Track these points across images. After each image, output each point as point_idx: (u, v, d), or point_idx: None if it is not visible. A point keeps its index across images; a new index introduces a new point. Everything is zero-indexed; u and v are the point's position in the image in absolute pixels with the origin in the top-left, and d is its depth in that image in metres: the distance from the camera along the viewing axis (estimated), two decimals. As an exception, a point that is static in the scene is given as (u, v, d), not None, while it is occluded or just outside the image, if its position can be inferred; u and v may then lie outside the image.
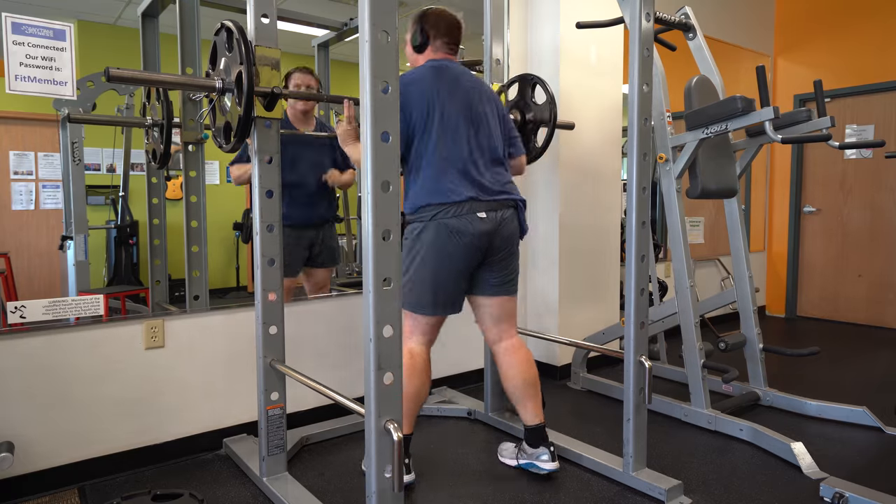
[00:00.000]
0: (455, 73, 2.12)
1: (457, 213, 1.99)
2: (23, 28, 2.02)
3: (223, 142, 1.90)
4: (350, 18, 2.97)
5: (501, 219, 2.07)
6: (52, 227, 2.29)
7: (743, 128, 2.55)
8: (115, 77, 1.58)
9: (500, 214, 2.06)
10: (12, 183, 2.18)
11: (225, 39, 1.84)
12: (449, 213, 1.98)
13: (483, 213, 2.02)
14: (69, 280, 2.34)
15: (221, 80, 1.81)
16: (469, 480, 2.18)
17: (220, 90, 1.81)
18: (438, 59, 2.14)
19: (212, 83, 1.81)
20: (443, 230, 1.98)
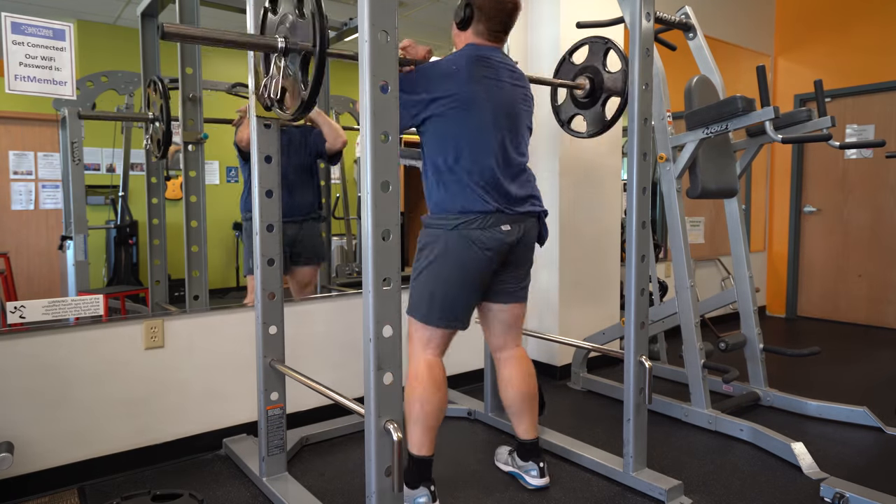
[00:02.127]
0: (497, 67, 1.95)
1: (482, 225, 1.88)
2: (22, 28, 2.02)
3: (279, 109, 1.70)
4: (350, 18, 2.97)
5: (524, 230, 1.99)
6: (51, 227, 2.29)
7: (743, 128, 2.55)
8: (169, 34, 1.39)
9: (523, 226, 1.98)
10: (12, 183, 2.18)
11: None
12: (473, 225, 1.87)
13: (507, 225, 1.93)
14: (69, 280, 2.34)
15: (284, 38, 1.59)
16: (469, 480, 2.17)
17: (282, 50, 1.60)
18: (480, 45, 1.96)
19: (273, 42, 1.59)
20: (465, 242, 1.87)
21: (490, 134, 1.91)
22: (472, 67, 1.89)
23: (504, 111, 1.95)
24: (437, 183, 1.94)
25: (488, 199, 1.90)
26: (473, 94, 1.87)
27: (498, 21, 1.95)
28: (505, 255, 1.97)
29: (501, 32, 1.99)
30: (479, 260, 1.90)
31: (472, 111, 1.87)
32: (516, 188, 1.98)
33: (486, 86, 1.90)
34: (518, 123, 2.01)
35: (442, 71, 1.88)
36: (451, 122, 1.87)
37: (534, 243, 2.09)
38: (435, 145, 1.92)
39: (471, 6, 1.94)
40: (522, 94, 2.05)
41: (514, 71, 2.03)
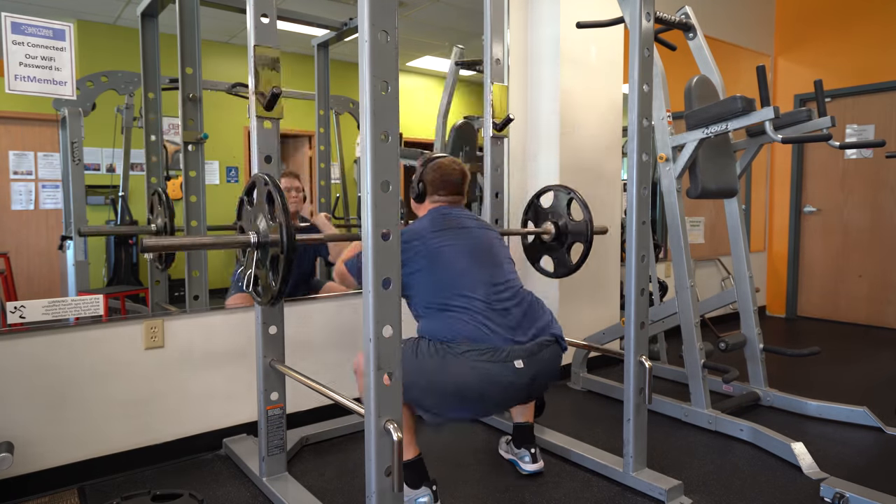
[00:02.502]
0: (458, 215, 2.09)
1: (493, 358, 1.81)
2: (22, 28, 2.02)
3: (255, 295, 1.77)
4: (350, 18, 2.97)
5: (544, 359, 1.92)
6: (51, 227, 2.29)
7: (743, 128, 2.55)
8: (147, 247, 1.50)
9: (540, 356, 1.91)
10: (12, 183, 2.18)
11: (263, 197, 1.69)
12: (484, 357, 1.81)
13: (521, 361, 1.85)
14: (69, 280, 2.34)
15: (256, 234, 1.67)
16: (469, 480, 2.17)
17: (255, 245, 1.68)
18: (440, 206, 2.11)
19: (246, 240, 1.68)
20: (475, 373, 1.79)
21: (471, 272, 1.95)
22: (434, 222, 2.02)
23: (477, 247, 2.02)
24: (431, 319, 1.91)
25: (493, 329, 1.86)
26: (442, 243, 1.96)
27: (449, 189, 2.12)
28: (524, 394, 1.93)
29: (456, 195, 2.14)
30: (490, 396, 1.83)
31: (445, 258, 1.94)
32: (520, 312, 1.96)
33: (452, 233, 2.01)
34: (496, 255, 2.07)
35: (407, 235, 1.95)
36: (429, 276, 1.93)
37: (559, 367, 2.03)
38: (420, 299, 1.94)
39: (423, 182, 2.11)
40: (491, 233, 2.15)
41: (476, 218, 2.15)
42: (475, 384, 1.81)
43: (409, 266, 1.92)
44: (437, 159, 2.14)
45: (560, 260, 2.62)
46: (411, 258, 1.92)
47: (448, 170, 2.11)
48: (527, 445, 2.20)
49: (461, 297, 1.89)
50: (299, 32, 2.98)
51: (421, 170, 2.13)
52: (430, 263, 1.93)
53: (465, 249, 1.99)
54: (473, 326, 1.85)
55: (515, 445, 2.24)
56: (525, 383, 1.88)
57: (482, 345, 1.83)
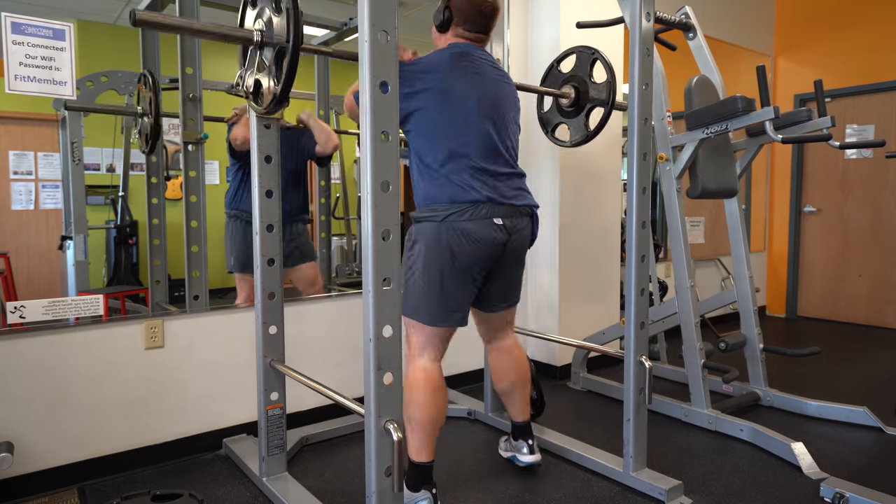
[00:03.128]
0: (479, 61, 1.94)
1: (473, 216, 1.83)
2: (22, 28, 2.02)
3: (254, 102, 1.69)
4: (350, 18, 2.97)
5: (516, 228, 1.94)
6: (51, 227, 2.29)
7: (743, 128, 2.55)
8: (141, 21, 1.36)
9: (515, 223, 1.93)
10: (12, 183, 2.18)
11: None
12: (464, 216, 1.83)
13: (500, 219, 1.88)
14: (69, 280, 2.34)
15: (260, 31, 1.58)
16: (469, 480, 2.17)
17: (258, 43, 1.59)
18: (460, 43, 1.96)
19: (249, 34, 1.59)
20: (455, 233, 1.82)
21: (475, 123, 1.89)
22: (453, 61, 1.89)
23: (489, 101, 1.92)
24: (423, 176, 1.91)
25: (478, 188, 1.86)
26: (455, 85, 1.86)
27: (477, 23, 1.95)
28: (497, 254, 1.93)
29: (482, 33, 1.99)
30: (469, 252, 1.85)
31: (454, 101, 1.86)
32: (506, 179, 1.95)
33: (468, 78, 1.89)
34: (504, 114, 1.98)
35: (422, 66, 1.87)
36: (434, 114, 1.86)
37: (526, 245, 2.05)
38: (420, 140, 1.90)
39: (449, 9, 1.94)
40: (507, 87, 2.03)
41: (497, 67, 2.03)
42: (456, 242, 1.83)
43: (418, 99, 1.84)
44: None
45: (578, 126, 2.50)
46: (422, 91, 1.84)
47: (481, 1, 1.93)
48: (524, 437, 2.22)
49: (458, 151, 1.86)
50: (299, 32, 2.98)
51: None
52: (438, 103, 1.85)
53: (477, 98, 1.89)
54: (459, 187, 1.85)
55: (514, 439, 2.26)
56: (503, 240, 1.90)
57: (462, 205, 1.84)
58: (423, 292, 1.88)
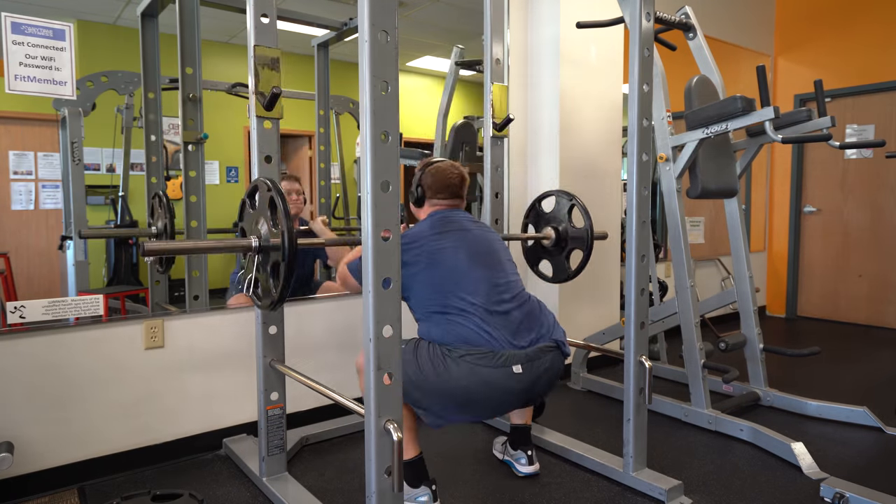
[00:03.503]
0: (458, 218, 2.06)
1: (491, 363, 1.80)
2: (22, 28, 2.02)
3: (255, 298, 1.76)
4: (350, 18, 2.97)
5: (542, 368, 1.89)
6: (51, 227, 2.29)
7: (743, 128, 2.55)
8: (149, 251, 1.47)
9: (539, 364, 1.88)
10: (12, 183, 2.18)
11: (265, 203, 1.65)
12: (482, 361, 1.79)
13: (519, 366, 1.83)
14: (69, 280, 2.34)
15: (258, 238, 1.66)
16: (468, 480, 2.17)
17: (256, 249, 1.66)
18: (439, 210, 2.09)
19: (248, 244, 1.66)
20: (474, 377, 1.78)
21: (471, 273, 1.93)
22: (435, 225, 2.00)
23: (478, 250, 2.00)
24: (431, 323, 1.90)
25: (492, 332, 1.85)
26: (442, 245, 1.95)
27: (448, 193, 2.09)
28: (513, 403, 1.91)
29: (455, 199, 2.12)
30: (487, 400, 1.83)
31: (445, 260, 1.92)
32: (520, 314, 1.94)
33: (452, 235, 1.99)
34: (497, 256, 2.05)
35: (408, 238, 1.94)
36: (429, 278, 1.90)
37: (558, 376, 2.00)
38: (420, 301, 1.93)
39: (421, 186, 2.10)
40: (492, 235, 2.12)
41: (477, 221, 2.13)
42: (473, 389, 1.81)
43: (409, 268, 1.91)
44: (436, 163, 2.11)
45: (559, 265, 2.62)
46: (411, 260, 1.91)
47: (447, 174, 2.09)
48: (523, 447, 2.20)
49: (461, 300, 1.88)
50: (299, 32, 2.98)
51: (420, 174, 2.11)
52: (429, 265, 1.92)
53: (465, 251, 1.97)
54: (472, 330, 1.85)
55: (512, 447, 2.23)
56: (523, 388, 1.87)
57: (480, 349, 1.82)
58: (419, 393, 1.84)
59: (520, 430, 2.22)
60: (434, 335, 1.88)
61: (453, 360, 1.81)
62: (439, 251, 1.94)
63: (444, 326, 1.87)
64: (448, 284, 1.90)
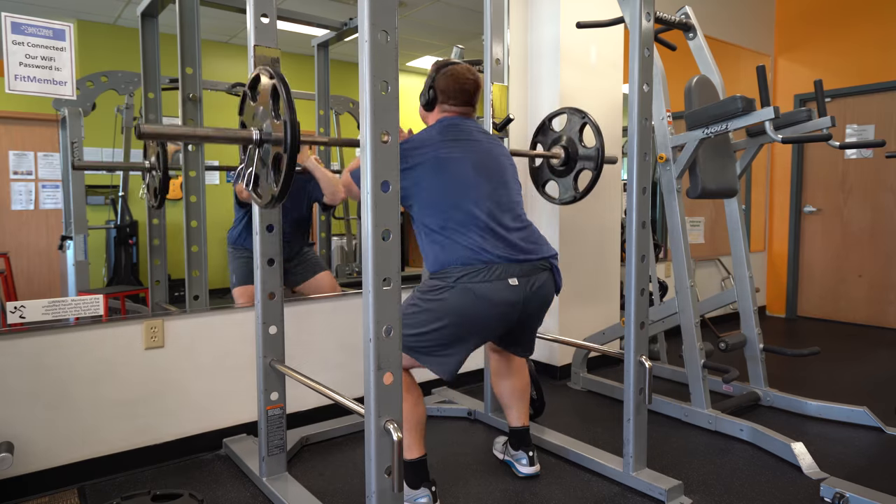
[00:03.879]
0: (468, 128, 2.01)
1: (486, 277, 1.80)
2: (22, 28, 2.02)
3: (255, 195, 1.71)
4: (350, 18, 2.97)
5: (536, 285, 1.90)
6: (51, 227, 2.28)
7: (743, 128, 2.55)
8: (145, 134, 1.41)
9: (533, 280, 1.90)
10: (12, 183, 2.18)
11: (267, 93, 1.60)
12: (477, 277, 1.80)
13: (515, 279, 1.84)
14: (69, 280, 2.34)
15: (259, 130, 1.61)
16: (468, 480, 2.17)
17: (257, 142, 1.62)
18: (449, 116, 2.03)
19: (248, 135, 1.62)
20: (469, 296, 1.79)
21: (475, 184, 1.90)
22: (444, 132, 1.95)
23: (485, 163, 1.96)
24: (432, 242, 1.89)
25: (489, 248, 1.84)
26: (449, 154, 1.90)
27: (461, 99, 2.02)
28: (515, 315, 1.90)
29: (467, 106, 2.04)
30: (483, 316, 1.83)
31: (451, 168, 1.89)
32: (517, 231, 1.93)
33: (461, 145, 1.94)
34: (504, 173, 2.01)
35: (415, 143, 1.91)
36: (433, 184, 1.88)
37: (548, 302, 2.00)
38: (423, 209, 1.90)
39: (434, 89, 2.01)
40: (500, 149, 2.08)
41: (487, 133, 2.08)
42: (469, 305, 1.80)
43: (414, 173, 1.86)
44: (452, 65, 2.02)
45: (566, 186, 2.57)
46: (416, 165, 1.86)
47: (462, 78, 1.99)
48: (524, 448, 2.20)
49: (461, 211, 1.85)
50: (299, 32, 2.98)
51: (433, 75, 2.01)
52: (434, 172, 1.87)
53: (472, 162, 1.92)
54: (468, 248, 1.83)
55: (513, 447, 2.24)
56: (519, 301, 1.87)
57: (475, 266, 1.82)
58: (417, 334, 1.85)
59: (519, 431, 2.22)
60: (430, 263, 1.88)
61: (448, 288, 1.81)
62: (446, 159, 1.89)
63: (441, 250, 1.85)
64: (451, 194, 1.86)
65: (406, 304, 1.88)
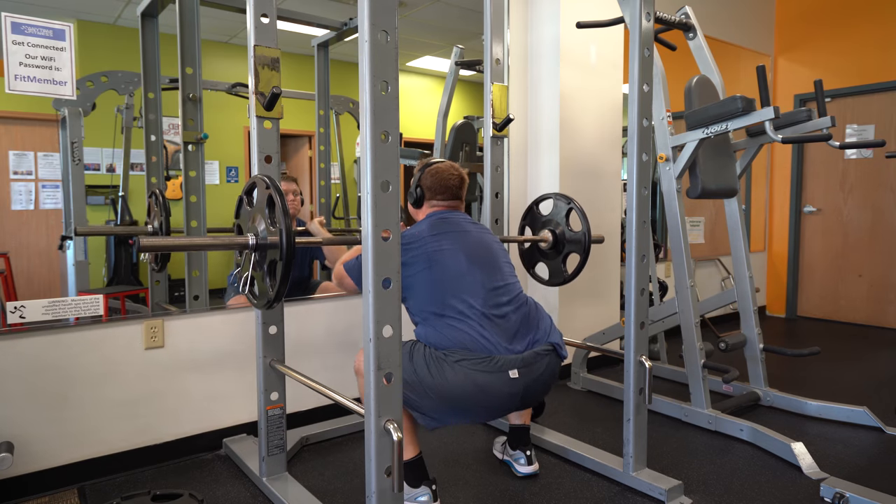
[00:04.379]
0: (457, 220, 2.06)
1: (486, 367, 1.80)
2: (22, 28, 2.02)
3: (251, 297, 1.75)
4: (350, 18, 2.97)
5: (538, 373, 1.89)
6: (51, 227, 2.28)
7: (743, 128, 2.55)
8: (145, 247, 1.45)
9: (536, 368, 1.89)
10: (12, 183, 2.18)
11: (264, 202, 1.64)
12: (478, 366, 1.79)
13: (516, 371, 1.83)
14: (69, 280, 2.34)
15: (255, 236, 1.66)
16: (468, 480, 2.17)
17: (252, 247, 1.66)
18: (438, 211, 2.09)
19: (244, 241, 1.66)
20: (469, 382, 1.79)
21: (470, 274, 1.93)
22: (434, 226, 2.00)
23: (477, 252, 1.99)
24: (430, 326, 1.89)
25: (489, 338, 1.85)
26: (441, 247, 1.94)
27: (447, 194, 2.09)
28: (515, 404, 1.90)
29: (454, 200, 2.12)
30: (483, 406, 1.83)
31: (444, 262, 1.92)
32: (518, 321, 1.94)
33: (451, 237, 1.98)
34: (496, 259, 2.04)
35: (407, 238, 1.94)
36: (428, 280, 1.90)
37: (555, 379, 2.00)
38: (419, 303, 1.92)
39: (420, 187, 2.10)
40: (490, 237, 2.12)
41: (475, 223, 2.13)
42: (469, 393, 1.80)
43: (408, 269, 1.91)
44: (435, 164, 2.11)
45: (556, 269, 2.62)
46: (409, 261, 1.91)
47: (446, 175, 2.08)
48: (522, 447, 2.20)
49: (459, 301, 1.88)
50: (299, 32, 2.98)
51: (419, 175, 2.10)
52: (428, 266, 1.91)
53: (464, 253, 1.97)
54: (469, 335, 1.84)
55: (511, 447, 2.24)
56: (519, 392, 1.87)
57: (477, 354, 1.82)
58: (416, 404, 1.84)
59: (518, 430, 2.22)
60: (431, 339, 1.88)
61: (449, 364, 1.80)
62: (438, 252, 1.93)
63: (441, 330, 1.86)
64: (447, 286, 1.90)
65: (404, 359, 1.85)
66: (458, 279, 1.91)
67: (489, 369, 1.81)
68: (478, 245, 2.03)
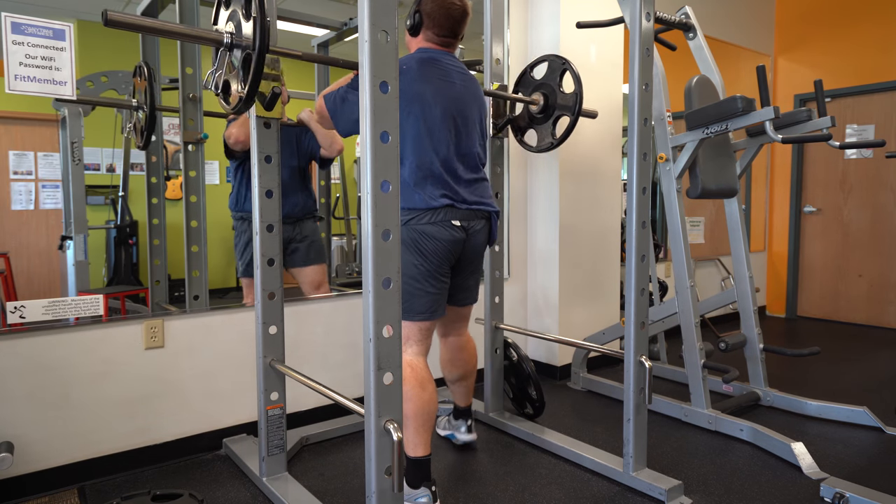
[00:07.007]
0: (446, 68, 1.99)
1: (431, 219, 1.92)
2: (22, 28, 2.02)
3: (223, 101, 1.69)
4: (350, 18, 2.97)
5: (473, 228, 2.02)
6: (51, 227, 2.28)
7: (743, 128, 2.55)
8: (112, 21, 1.37)
9: (472, 224, 2.01)
10: (12, 183, 2.18)
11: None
12: (423, 220, 1.91)
13: (458, 221, 1.96)
14: (69, 280, 2.34)
15: (230, 34, 1.58)
16: (468, 480, 2.17)
17: (228, 45, 1.59)
18: (430, 48, 2.02)
19: (219, 36, 1.58)
20: (416, 235, 1.92)
21: (439, 131, 1.94)
22: (421, 68, 1.94)
23: (454, 110, 1.98)
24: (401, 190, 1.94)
25: (437, 196, 1.92)
26: (422, 92, 1.91)
27: (447, 27, 2.00)
28: (457, 252, 2.00)
29: (451, 37, 2.03)
30: (430, 250, 1.93)
31: (420, 108, 1.91)
32: (467, 185, 2.01)
33: (434, 85, 1.94)
34: (469, 121, 2.04)
35: None
36: (402, 125, 1.87)
37: (483, 245, 2.11)
38: None
39: (420, 13, 2.00)
40: (473, 95, 2.08)
41: (464, 74, 2.07)
42: (421, 244, 1.91)
43: None
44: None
45: (545, 133, 2.58)
46: None
47: (450, 3, 1.97)
48: (464, 418, 2.39)
49: (422, 163, 1.91)
50: (299, 32, 2.98)
51: (418, 1, 2.00)
52: (403, 111, 1.87)
53: (441, 107, 1.94)
54: (423, 195, 1.91)
55: (455, 419, 2.44)
56: (462, 237, 1.97)
57: (424, 210, 1.91)
58: (406, 291, 1.94)
59: (463, 409, 2.41)
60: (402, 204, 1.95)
61: (404, 228, 1.90)
62: (418, 96, 1.91)
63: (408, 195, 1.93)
64: (416, 141, 1.91)
65: None
66: (428, 135, 1.92)
67: (433, 220, 1.91)
68: (458, 102, 1.99)
